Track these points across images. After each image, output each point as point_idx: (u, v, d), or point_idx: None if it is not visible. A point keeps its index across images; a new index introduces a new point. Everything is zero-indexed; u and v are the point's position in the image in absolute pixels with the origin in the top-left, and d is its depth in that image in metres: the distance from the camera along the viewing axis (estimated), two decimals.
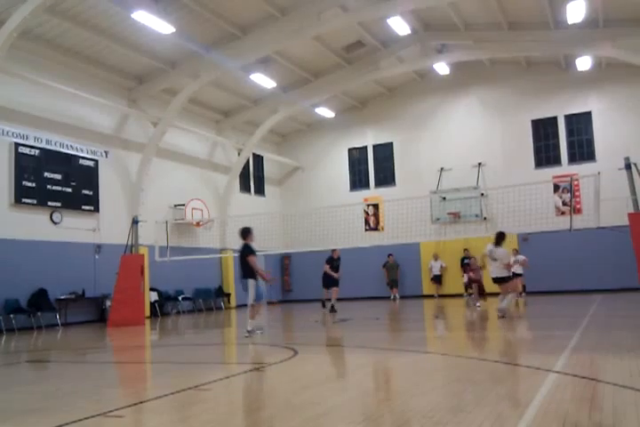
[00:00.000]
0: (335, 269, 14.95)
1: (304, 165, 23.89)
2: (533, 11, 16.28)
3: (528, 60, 20.21)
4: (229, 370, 6.78)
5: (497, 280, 11.15)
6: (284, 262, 23.40)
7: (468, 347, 7.99)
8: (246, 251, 9.72)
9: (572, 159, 19.91)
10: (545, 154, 20.38)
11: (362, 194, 22.40)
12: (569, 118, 20.12)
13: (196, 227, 19.02)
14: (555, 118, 20.24)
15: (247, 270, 9.62)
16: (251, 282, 9.57)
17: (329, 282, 15.06)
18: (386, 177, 22.59)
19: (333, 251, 15.14)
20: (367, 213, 22.34)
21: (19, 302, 13.32)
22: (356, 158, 23.28)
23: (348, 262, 15.10)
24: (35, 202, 14.09)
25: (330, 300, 15.14)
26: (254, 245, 10.01)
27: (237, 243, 19.79)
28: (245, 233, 9.95)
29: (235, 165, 21.09)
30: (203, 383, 5.34)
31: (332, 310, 14.77)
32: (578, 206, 17.67)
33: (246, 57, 16.31)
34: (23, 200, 13.83)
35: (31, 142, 14.20)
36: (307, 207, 22.02)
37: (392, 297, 20.49)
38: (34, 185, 14.11)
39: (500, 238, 11.31)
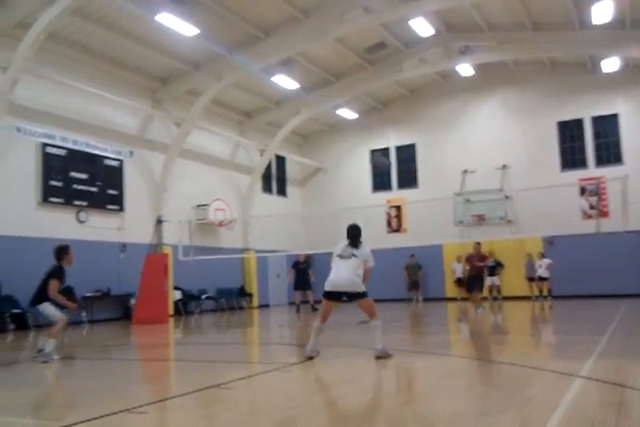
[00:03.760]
0: (302, 271, 16.40)
1: (326, 166, 23.88)
2: (558, 11, 16.06)
3: (553, 61, 19.95)
4: (251, 369, 6.80)
5: (349, 296, 6.80)
6: None
7: (492, 350, 7.90)
8: (52, 273, 7.51)
9: (599, 162, 19.58)
10: (571, 156, 20.08)
11: (384, 195, 22.30)
12: (595, 120, 19.79)
13: (219, 227, 19.14)
14: (581, 120, 19.92)
15: (41, 294, 7.45)
16: (46, 304, 7.44)
17: (299, 285, 16.45)
18: (408, 179, 22.46)
19: (299, 255, 16.72)
20: (390, 215, 22.25)
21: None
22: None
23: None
24: (61, 201, 14.32)
25: (306, 302, 16.27)
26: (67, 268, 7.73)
27: (259, 243, 20.16)
28: (60, 252, 7.66)
29: (257, 165, 21.18)
30: (224, 382, 5.36)
31: (314, 309, 15.62)
32: (605, 210, 17.38)
33: (269, 58, 16.38)
34: (50, 199, 14.07)
35: (58, 142, 14.44)
36: (329, 208, 22.01)
37: (414, 299, 20.37)
38: (60, 184, 14.34)
39: (357, 235, 7.01)
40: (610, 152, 19.57)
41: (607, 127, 19.68)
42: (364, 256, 6.87)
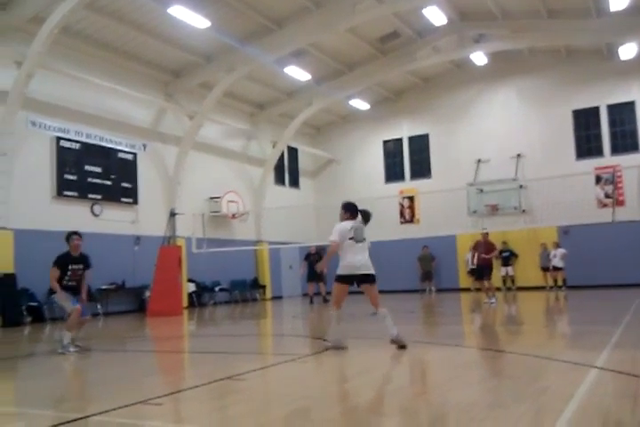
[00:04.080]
0: (314, 263, 16.20)
1: (339, 158, 23.83)
2: None
3: (568, 48, 19.66)
4: (265, 361, 6.84)
5: (365, 278, 6.69)
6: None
7: (506, 341, 7.88)
8: (54, 261, 7.50)
9: (615, 150, 19.33)
10: (586, 145, 19.84)
11: (397, 186, 22.23)
12: (611, 108, 19.51)
13: (232, 219, 19.21)
14: (597, 108, 19.65)
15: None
16: (55, 295, 7.57)
17: (312, 276, 16.59)
18: (422, 169, 22.35)
19: (310, 247, 17.19)
20: (402, 206, 22.18)
21: None
22: (391, 150, 23.11)
23: (382, 255, 14.80)
24: (76, 194, 14.44)
25: (318, 294, 16.67)
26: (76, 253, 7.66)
27: (271, 235, 20.19)
28: (66, 239, 7.80)
29: (269, 157, 21.18)
30: (239, 374, 5.40)
31: (325, 300, 16.22)
32: (620, 198, 17.19)
33: (281, 50, 16.32)
34: (65, 193, 14.19)
35: (72, 136, 14.54)
36: (341, 200, 21.92)
37: (427, 290, 20.36)
38: (75, 178, 14.45)
39: (357, 212, 7.03)
40: (626, 140, 19.30)
41: (623, 115, 19.41)
42: (368, 239, 6.87)
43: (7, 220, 12.78)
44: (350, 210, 6.96)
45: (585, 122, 19.91)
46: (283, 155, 22.29)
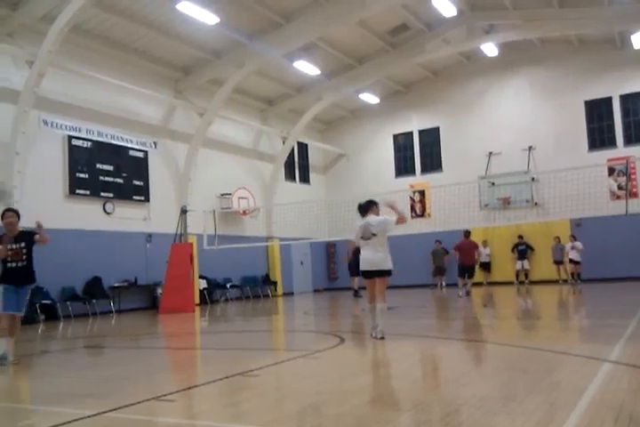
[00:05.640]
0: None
1: (349, 153, 23.76)
2: None
3: (580, 38, 19.42)
4: (277, 357, 6.86)
5: (374, 274, 7.20)
6: (330, 250, 23.43)
7: (519, 336, 7.83)
8: None
9: (628, 141, 19.09)
10: (599, 136, 19.61)
11: (408, 180, 22.11)
12: (624, 98, 19.26)
13: (243, 216, 19.24)
14: (609, 99, 19.41)
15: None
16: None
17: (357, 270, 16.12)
18: (432, 163, 22.23)
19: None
20: (413, 200, 22.08)
21: (75, 290, 13.82)
22: (402, 144, 23.00)
23: (394, 250, 14.69)
24: (88, 193, 14.52)
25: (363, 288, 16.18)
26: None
27: (282, 231, 20.21)
28: None
29: (280, 153, 21.17)
30: (251, 369, 5.41)
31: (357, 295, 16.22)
32: (634, 190, 16.99)
33: (290, 44, 16.28)
34: (77, 191, 14.28)
35: (84, 135, 14.62)
36: (352, 195, 21.91)
37: (439, 285, 20.27)
38: (87, 176, 14.54)
39: (368, 206, 7.48)
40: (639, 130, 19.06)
41: (637, 105, 19.16)
42: (382, 229, 7.30)
43: (21, 219, 12.85)
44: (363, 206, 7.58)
45: (597, 113, 19.68)
46: (293, 150, 22.27)
